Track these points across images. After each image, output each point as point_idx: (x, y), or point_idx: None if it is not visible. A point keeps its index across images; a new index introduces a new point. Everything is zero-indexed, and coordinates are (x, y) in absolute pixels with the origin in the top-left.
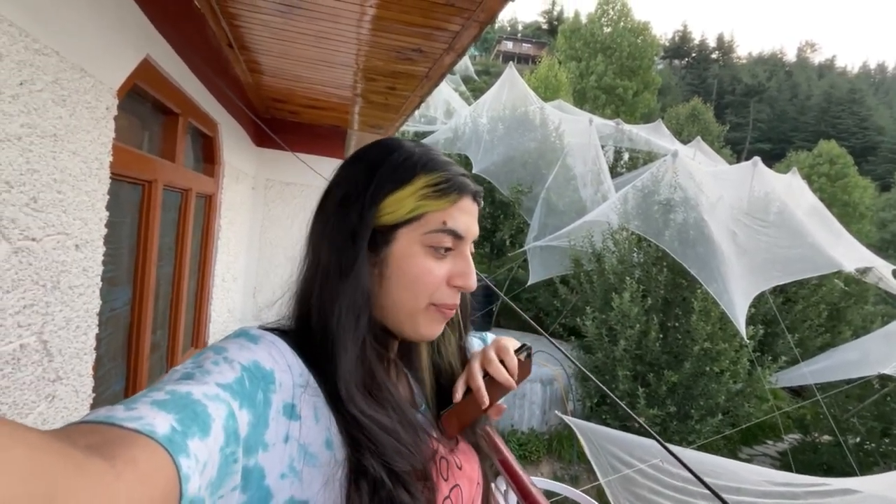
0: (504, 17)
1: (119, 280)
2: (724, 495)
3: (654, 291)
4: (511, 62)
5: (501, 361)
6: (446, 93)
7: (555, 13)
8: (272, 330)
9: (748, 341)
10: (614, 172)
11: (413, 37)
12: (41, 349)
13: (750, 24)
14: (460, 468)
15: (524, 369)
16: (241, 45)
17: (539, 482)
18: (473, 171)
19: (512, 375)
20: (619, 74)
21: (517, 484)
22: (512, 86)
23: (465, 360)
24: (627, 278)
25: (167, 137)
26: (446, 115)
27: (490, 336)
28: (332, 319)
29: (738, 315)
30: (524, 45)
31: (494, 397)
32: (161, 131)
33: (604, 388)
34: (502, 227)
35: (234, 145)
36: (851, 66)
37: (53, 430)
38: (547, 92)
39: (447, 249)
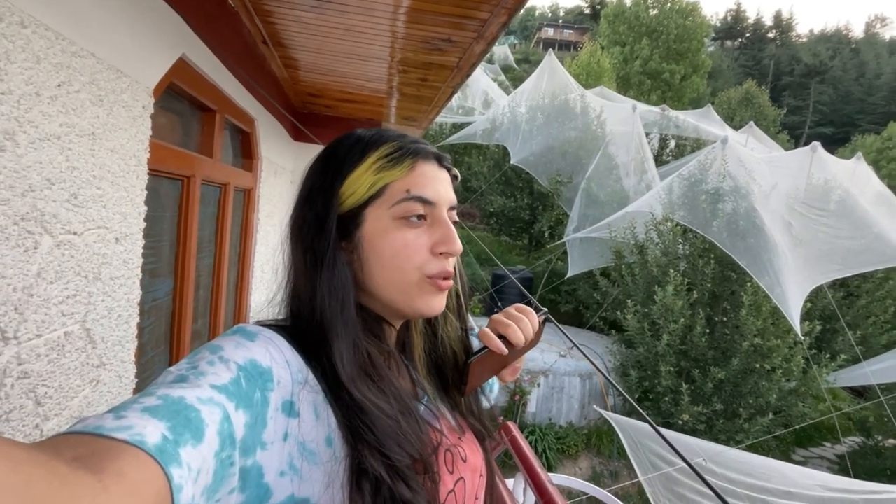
0: (545, 2)
1: (160, 271)
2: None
3: (700, 285)
4: (551, 49)
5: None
6: (484, 83)
7: None
8: (270, 326)
9: (803, 338)
10: (660, 161)
11: (442, 27)
12: (84, 337)
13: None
14: (465, 460)
15: (536, 334)
16: (275, 42)
17: (557, 479)
18: (511, 162)
19: (527, 337)
20: (665, 58)
21: (534, 480)
22: (552, 74)
23: (467, 348)
24: (671, 271)
25: (204, 133)
26: (484, 105)
27: None
28: (317, 310)
29: (792, 310)
30: (565, 31)
31: (508, 359)
32: (198, 127)
33: (596, 366)
34: (541, 219)
35: (272, 140)
36: None
37: (39, 443)
38: (589, 79)
39: (420, 217)
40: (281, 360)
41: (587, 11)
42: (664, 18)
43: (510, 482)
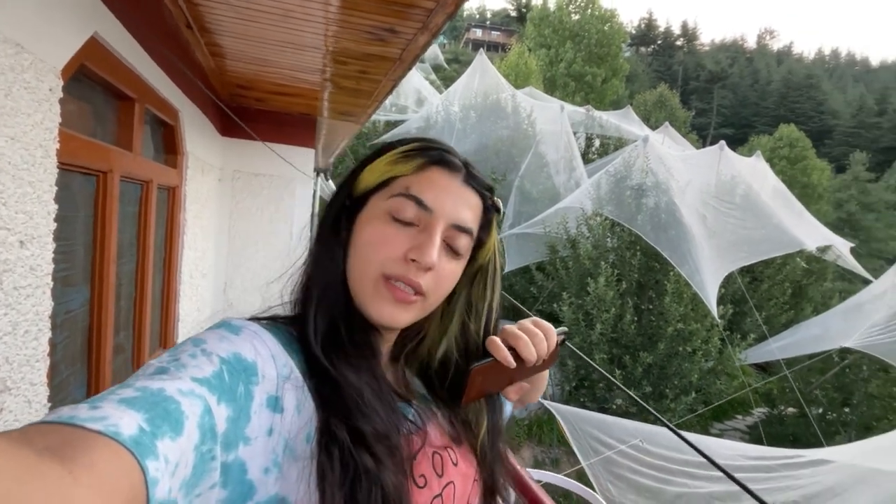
0: (472, 4)
1: (75, 279)
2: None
3: (628, 275)
4: (482, 49)
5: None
6: (417, 81)
7: (523, 0)
8: (259, 320)
9: (719, 320)
10: (586, 159)
11: (386, 15)
12: None
13: (713, 11)
14: (456, 464)
15: (552, 354)
16: (200, 27)
17: (536, 475)
18: None
19: (540, 355)
20: (587, 62)
21: (516, 479)
22: (483, 73)
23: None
24: (602, 263)
25: (122, 124)
26: (417, 103)
27: None
28: (311, 280)
29: (710, 295)
30: (493, 32)
31: (518, 375)
32: (115, 118)
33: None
34: None
35: (198, 134)
36: (808, 53)
37: (9, 431)
38: (518, 79)
39: (410, 220)
40: (266, 355)
41: (513, 14)
42: (585, 23)
43: None
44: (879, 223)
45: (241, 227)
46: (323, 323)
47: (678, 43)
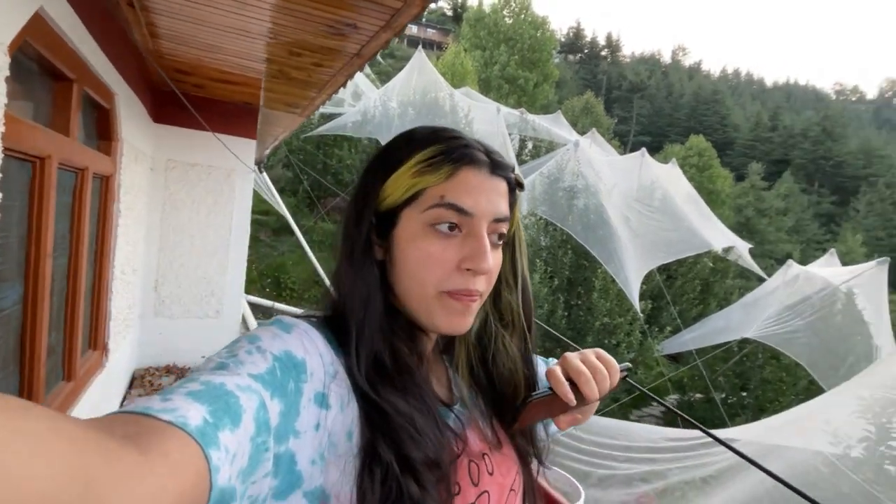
0: None
1: (7, 275)
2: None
3: (559, 272)
4: (421, 47)
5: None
6: (356, 76)
7: (459, 0)
8: (307, 317)
9: (641, 314)
10: (519, 160)
11: (349, 10)
12: None
13: (634, 25)
14: (491, 473)
15: (611, 389)
16: (142, 5)
17: None
18: None
19: (602, 392)
20: (520, 65)
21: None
22: (421, 71)
23: (528, 377)
24: (537, 261)
25: (60, 107)
26: (354, 97)
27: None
28: (347, 305)
29: (633, 291)
30: (429, 30)
31: (572, 408)
32: (52, 99)
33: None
34: None
35: (132, 120)
36: (714, 70)
37: (95, 419)
38: (454, 79)
39: (452, 226)
40: (314, 353)
41: (449, 13)
42: (518, 28)
43: None
44: (771, 227)
45: (174, 220)
46: (366, 352)
47: (603, 53)
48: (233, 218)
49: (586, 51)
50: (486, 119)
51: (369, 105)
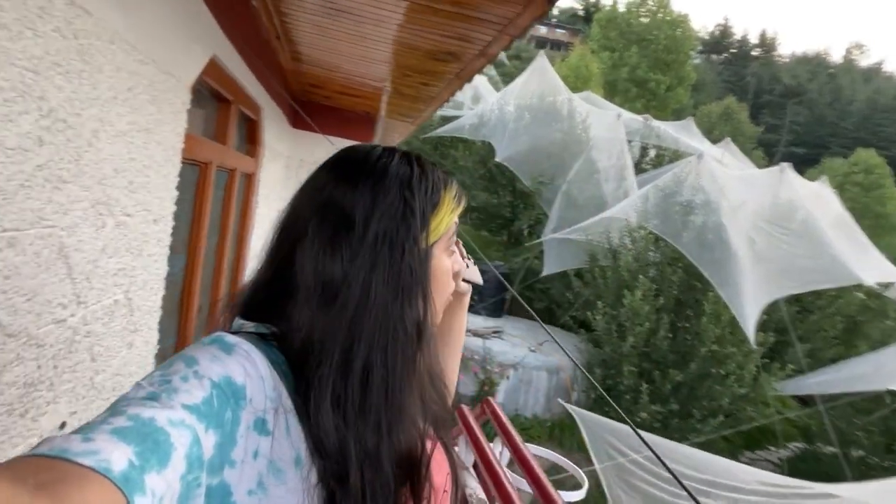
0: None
1: (178, 249)
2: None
3: (666, 291)
4: (542, 49)
5: None
6: (476, 79)
7: (591, 0)
8: (250, 334)
9: (756, 347)
10: (639, 169)
11: (448, 43)
12: (127, 305)
13: (795, 21)
14: (430, 496)
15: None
16: (287, 38)
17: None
18: (496, 159)
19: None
20: (652, 67)
21: (512, 445)
22: (542, 74)
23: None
24: (641, 276)
25: (221, 122)
26: (473, 100)
27: None
28: (388, 356)
29: (749, 320)
30: (558, 30)
31: None
32: (216, 117)
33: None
34: (521, 217)
35: (273, 127)
36: None
37: (6, 466)
38: (577, 82)
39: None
40: (256, 376)
41: (581, 13)
42: (654, 28)
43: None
44: None
45: None
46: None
47: (754, 53)
48: None
49: (733, 50)
50: (604, 125)
51: (486, 108)
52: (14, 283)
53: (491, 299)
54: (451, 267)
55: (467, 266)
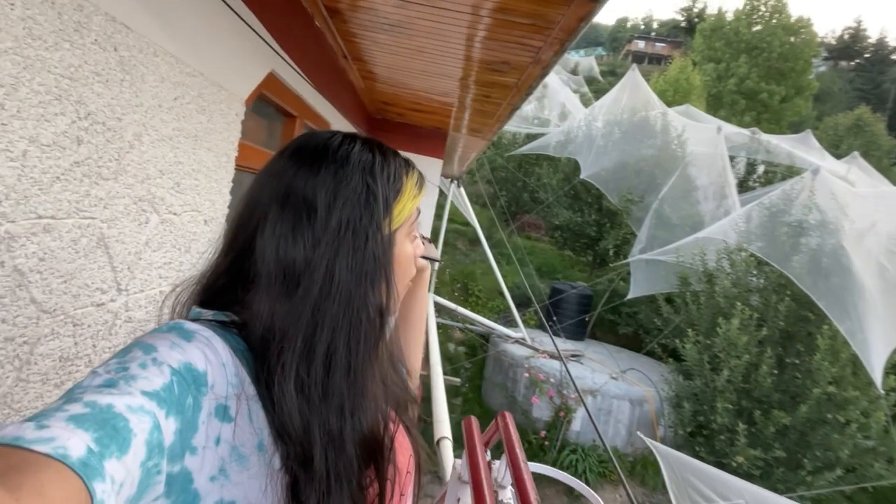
0: (638, 13)
1: None
2: None
3: (771, 321)
4: (635, 64)
5: None
6: (564, 95)
7: (695, 10)
8: (209, 321)
9: (884, 393)
10: (745, 187)
11: (501, 52)
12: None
13: None
14: (394, 476)
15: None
16: (354, 58)
17: (535, 467)
18: (582, 177)
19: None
20: (764, 77)
21: (513, 464)
22: (634, 89)
23: None
24: (739, 304)
25: (285, 136)
26: (561, 117)
27: None
28: (353, 340)
29: (875, 361)
30: (658, 44)
31: None
32: (282, 130)
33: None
34: (607, 237)
35: None
36: None
37: None
38: (676, 95)
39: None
40: (217, 363)
41: (683, 25)
42: (768, 35)
43: (496, 463)
44: None
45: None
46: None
47: (893, 57)
48: (419, 226)
49: (867, 55)
50: (703, 139)
51: (573, 125)
52: (49, 265)
53: (570, 321)
54: (414, 252)
55: (423, 245)
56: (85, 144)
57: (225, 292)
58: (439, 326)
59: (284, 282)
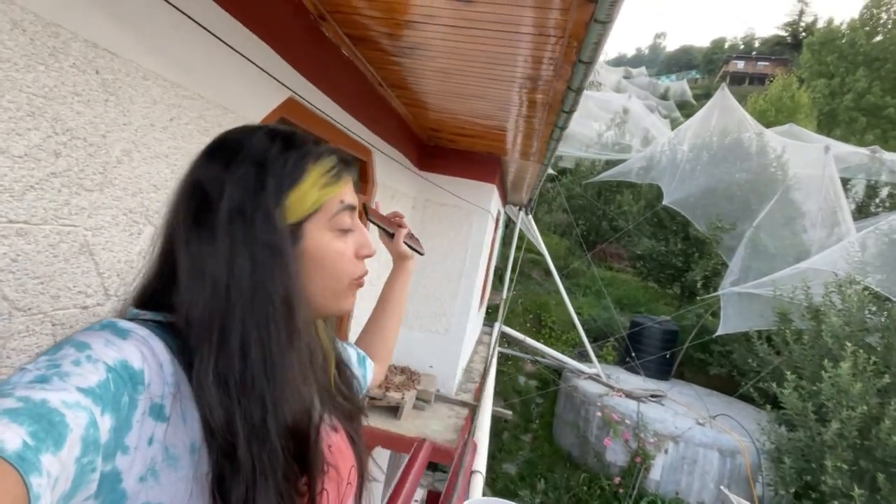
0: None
1: None
2: None
3: (894, 367)
4: (723, 84)
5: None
6: (648, 121)
7: (802, 24)
8: (146, 321)
9: None
10: (866, 212)
11: (520, 67)
12: None
13: None
14: (326, 472)
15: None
16: (391, 84)
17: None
18: (664, 203)
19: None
20: (890, 91)
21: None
22: (723, 110)
23: (337, 354)
24: (848, 344)
25: None
26: (643, 143)
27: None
28: (265, 331)
29: None
30: (759, 63)
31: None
32: None
33: None
34: (695, 267)
35: (390, 168)
36: None
37: None
38: (779, 115)
39: (351, 227)
40: (154, 362)
41: (788, 41)
42: (891, 45)
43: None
44: None
45: (425, 247)
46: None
47: None
48: (467, 251)
49: None
50: (807, 160)
51: (656, 150)
52: (23, 266)
53: (650, 357)
54: (347, 247)
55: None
56: (63, 157)
57: (159, 293)
58: (509, 358)
59: (195, 276)
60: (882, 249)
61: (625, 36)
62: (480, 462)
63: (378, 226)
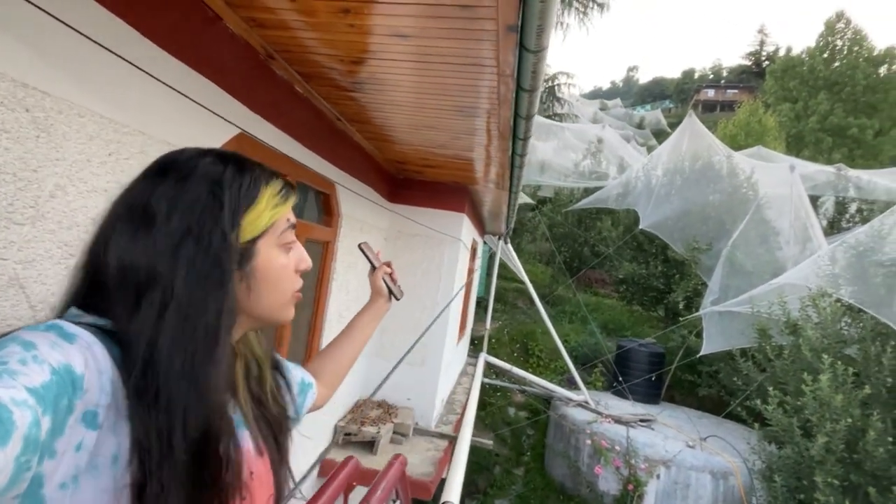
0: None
1: None
2: None
3: (875, 378)
4: (690, 110)
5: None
6: (623, 150)
7: (763, 53)
8: (91, 326)
9: None
10: (837, 227)
11: (461, 97)
12: None
13: None
14: (244, 499)
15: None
16: (349, 119)
17: None
18: (640, 227)
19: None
20: (852, 112)
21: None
22: (693, 135)
23: (276, 361)
24: (825, 356)
25: None
26: (619, 170)
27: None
28: (179, 329)
29: None
30: (728, 91)
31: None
32: None
33: None
34: (676, 289)
35: (356, 201)
36: None
37: None
38: (749, 139)
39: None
40: (94, 369)
41: (753, 69)
42: (848, 69)
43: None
44: None
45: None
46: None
47: None
48: (440, 280)
49: None
50: (776, 180)
51: (631, 176)
52: None
53: (636, 381)
54: (290, 262)
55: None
56: None
57: (92, 299)
58: (497, 389)
59: (128, 289)
60: (851, 262)
61: (599, 70)
62: (453, 493)
63: (365, 256)
